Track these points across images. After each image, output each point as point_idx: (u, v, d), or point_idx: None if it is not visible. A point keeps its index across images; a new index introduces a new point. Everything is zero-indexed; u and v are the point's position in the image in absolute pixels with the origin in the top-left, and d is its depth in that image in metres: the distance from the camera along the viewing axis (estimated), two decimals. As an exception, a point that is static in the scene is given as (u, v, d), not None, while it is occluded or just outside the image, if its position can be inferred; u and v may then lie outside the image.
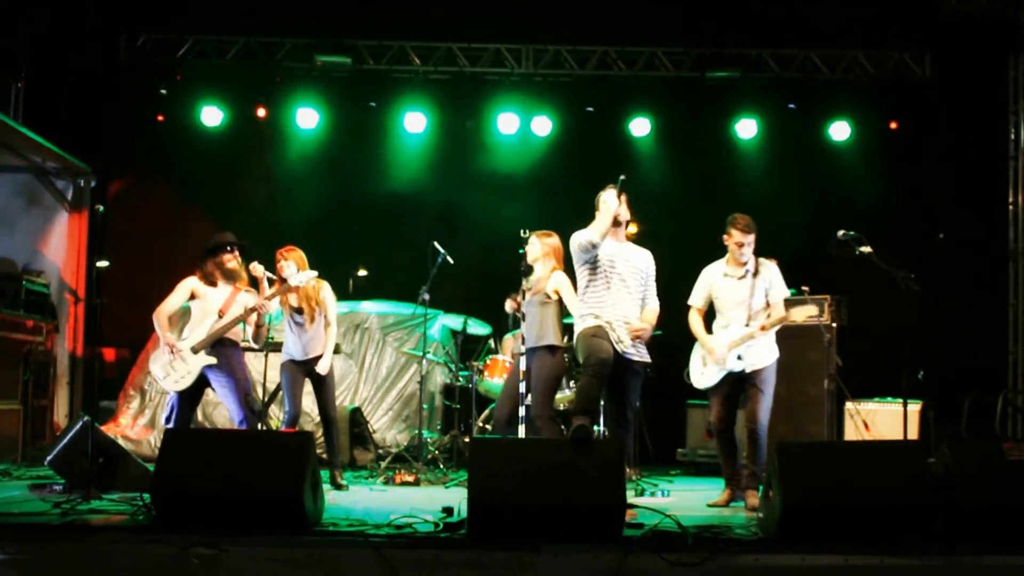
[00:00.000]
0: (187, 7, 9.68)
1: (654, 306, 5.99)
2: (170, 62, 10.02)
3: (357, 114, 10.33)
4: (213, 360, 6.28)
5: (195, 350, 6.30)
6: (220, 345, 6.34)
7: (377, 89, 10.24)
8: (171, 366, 6.30)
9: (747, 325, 6.14)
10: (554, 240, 6.65)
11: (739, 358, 6.13)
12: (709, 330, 6.38)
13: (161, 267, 8.65)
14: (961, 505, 4.45)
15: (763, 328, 6.08)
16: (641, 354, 5.83)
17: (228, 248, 6.48)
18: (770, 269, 6.28)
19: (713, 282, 6.31)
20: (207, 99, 10.07)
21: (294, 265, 6.70)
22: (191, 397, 6.40)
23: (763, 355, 6.15)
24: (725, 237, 6.24)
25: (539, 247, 6.65)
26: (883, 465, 4.57)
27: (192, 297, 6.46)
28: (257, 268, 6.66)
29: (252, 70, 10.08)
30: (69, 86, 9.54)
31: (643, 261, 5.97)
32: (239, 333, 6.45)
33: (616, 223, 5.77)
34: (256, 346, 6.76)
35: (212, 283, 6.45)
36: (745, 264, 6.20)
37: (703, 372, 6.30)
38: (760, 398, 6.09)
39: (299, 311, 6.75)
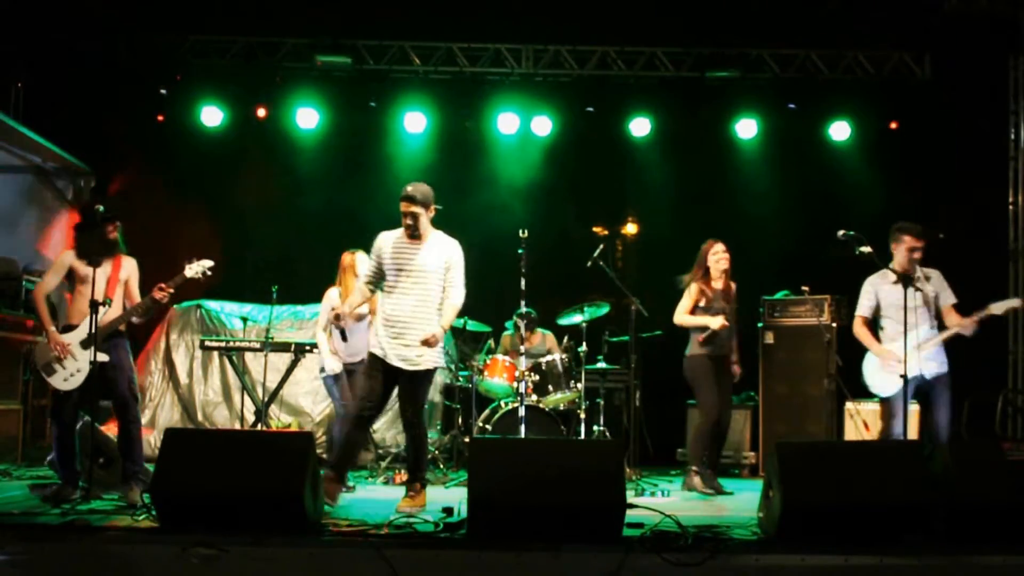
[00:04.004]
0: (187, 7, 9.66)
1: (454, 300, 5.81)
2: (170, 62, 10.01)
3: (357, 114, 10.32)
4: (106, 357, 5.66)
5: (85, 345, 5.63)
6: (112, 336, 5.73)
7: (377, 89, 10.23)
8: (59, 362, 5.64)
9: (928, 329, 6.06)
10: None
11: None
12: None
13: (161, 268, 8.63)
14: (961, 505, 4.46)
15: (961, 324, 6.00)
16: (410, 359, 5.65)
17: (111, 218, 5.75)
18: (938, 276, 6.25)
19: (881, 290, 6.19)
20: (207, 99, 10.06)
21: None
22: (80, 395, 5.68)
23: (941, 361, 6.09)
24: (894, 245, 6.18)
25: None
26: (883, 465, 4.58)
27: (71, 275, 5.74)
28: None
29: (252, 70, 10.07)
30: (69, 86, 9.53)
31: (437, 256, 5.82)
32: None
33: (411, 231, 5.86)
34: (138, 317, 5.85)
35: (95, 262, 5.55)
36: (913, 271, 6.15)
37: (885, 379, 6.09)
38: (943, 406, 6.01)
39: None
